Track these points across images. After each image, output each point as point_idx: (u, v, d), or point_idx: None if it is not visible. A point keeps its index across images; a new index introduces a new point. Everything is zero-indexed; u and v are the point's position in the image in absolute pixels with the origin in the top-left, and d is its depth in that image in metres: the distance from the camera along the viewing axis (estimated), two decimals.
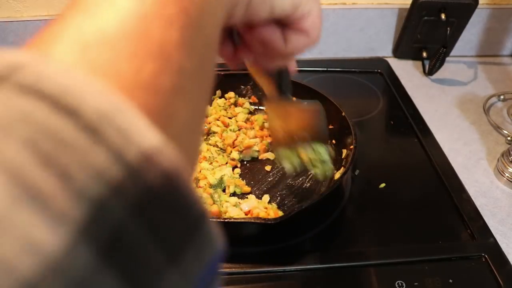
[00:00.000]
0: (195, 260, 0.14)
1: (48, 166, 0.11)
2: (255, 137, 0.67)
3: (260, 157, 0.65)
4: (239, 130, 0.68)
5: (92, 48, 0.15)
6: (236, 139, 0.65)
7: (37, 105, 0.12)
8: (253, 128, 0.68)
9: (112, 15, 0.16)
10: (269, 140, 0.66)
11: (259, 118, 0.70)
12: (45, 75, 0.12)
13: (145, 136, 0.13)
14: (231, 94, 0.74)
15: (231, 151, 0.64)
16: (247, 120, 0.71)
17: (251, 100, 0.74)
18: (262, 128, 0.68)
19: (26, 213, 0.10)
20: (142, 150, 0.12)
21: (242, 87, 0.76)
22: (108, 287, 0.11)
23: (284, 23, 0.30)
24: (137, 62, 0.15)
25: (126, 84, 0.15)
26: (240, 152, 0.64)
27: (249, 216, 0.54)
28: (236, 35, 0.31)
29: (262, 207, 0.55)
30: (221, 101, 0.73)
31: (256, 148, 0.65)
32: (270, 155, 0.65)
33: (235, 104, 0.73)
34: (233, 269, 0.50)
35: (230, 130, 0.67)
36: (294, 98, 0.44)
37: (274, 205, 0.56)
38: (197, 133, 0.19)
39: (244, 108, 0.72)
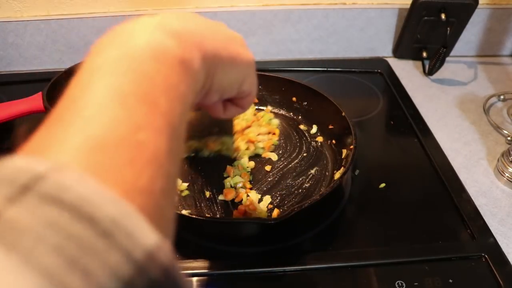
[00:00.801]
0: None
1: (73, 267, 0.14)
2: (264, 133, 0.67)
3: (263, 155, 0.65)
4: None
5: (96, 154, 0.18)
6: (245, 129, 0.66)
7: (60, 214, 0.15)
8: (261, 125, 0.68)
9: (108, 122, 0.19)
10: (275, 138, 0.67)
11: (265, 115, 0.70)
12: (64, 186, 0.15)
13: (147, 236, 0.16)
14: None
15: (236, 139, 0.65)
16: (254, 115, 0.71)
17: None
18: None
19: None
20: (146, 249, 0.15)
21: None
22: None
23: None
24: (137, 169, 0.18)
25: (127, 189, 0.18)
26: (246, 143, 0.65)
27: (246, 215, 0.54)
28: None
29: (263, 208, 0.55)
30: None
31: (261, 145, 0.65)
32: (273, 156, 0.65)
33: None
34: (233, 269, 0.50)
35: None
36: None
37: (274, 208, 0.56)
38: (173, 210, 0.23)
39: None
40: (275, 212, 0.55)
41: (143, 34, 0.25)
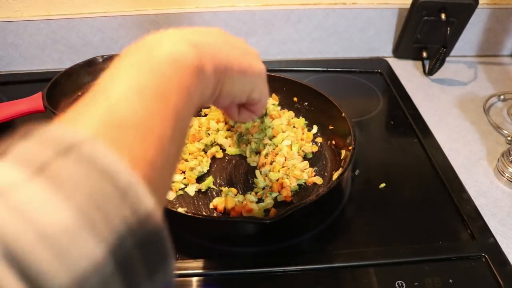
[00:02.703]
0: (162, 279, 0.22)
1: (98, 210, 0.19)
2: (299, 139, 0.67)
3: (308, 182, 0.61)
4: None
5: (116, 130, 0.23)
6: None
7: (94, 172, 0.20)
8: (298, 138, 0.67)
9: (127, 108, 0.24)
10: (311, 148, 0.65)
11: (301, 121, 0.70)
12: (97, 152, 0.21)
13: (148, 201, 0.21)
14: None
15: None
16: (288, 123, 0.69)
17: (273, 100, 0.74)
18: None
19: (85, 235, 0.18)
20: (146, 210, 0.21)
21: None
22: (115, 286, 0.19)
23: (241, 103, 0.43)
24: (145, 146, 0.24)
25: (136, 160, 0.23)
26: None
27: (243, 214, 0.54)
28: None
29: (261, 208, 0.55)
30: None
31: (306, 176, 0.61)
32: (318, 180, 0.61)
33: None
34: (233, 269, 0.50)
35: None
36: None
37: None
38: (170, 184, 0.28)
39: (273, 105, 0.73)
40: (272, 212, 0.55)
41: (167, 42, 0.30)
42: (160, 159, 0.24)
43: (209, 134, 0.67)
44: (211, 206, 0.56)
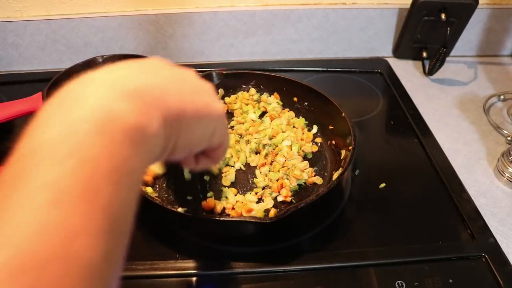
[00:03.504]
0: None
1: None
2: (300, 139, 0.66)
3: (308, 182, 0.60)
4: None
5: (22, 277, 0.17)
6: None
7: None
8: (298, 137, 0.67)
9: (39, 232, 0.18)
10: (311, 148, 0.65)
11: (301, 121, 0.70)
12: None
13: None
14: (252, 91, 0.74)
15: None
16: (288, 123, 0.70)
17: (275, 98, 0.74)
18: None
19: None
20: None
21: (244, 86, 0.76)
22: None
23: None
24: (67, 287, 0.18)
25: None
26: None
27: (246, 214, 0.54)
28: None
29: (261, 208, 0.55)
30: (246, 95, 0.74)
31: (306, 176, 0.60)
32: (318, 180, 0.60)
33: (258, 101, 0.73)
34: (233, 269, 0.50)
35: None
36: None
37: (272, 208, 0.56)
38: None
39: (274, 103, 0.73)
40: (272, 212, 0.55)
41: (92, 99, 0.23)
42: None
43: None
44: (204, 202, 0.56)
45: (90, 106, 0.22)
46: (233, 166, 0.63)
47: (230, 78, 0.73)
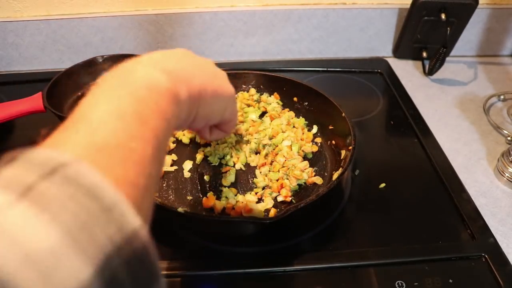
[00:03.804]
0: None
1: (84, 228, 0.19)
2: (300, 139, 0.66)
3: (308, 182, 0.60)
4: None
5: (98, 154, 0.23)
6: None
7: (78, 191, 0.20)
8: (297, 128, 0.68)
9: (109, 132, 0.25)
10: (311, 148, 0.65)
11: (301, 121, 0.70)
12: (81, 173, 0.21)
13: (134, 218, 0.21)
14: (252, 91, 0.75)
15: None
16: (288, 123, 0.70)
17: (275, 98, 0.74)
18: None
19: (72, 255, 0.18)
20: (133, 227, 0.21)
21: (244, 86, 0.76)
22: None
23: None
24: (127, 168, 0.24)
25: (119, 181, 0.23)
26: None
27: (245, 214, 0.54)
28: None
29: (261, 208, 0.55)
30: (246, 95, 0.74)
31: (306, 176, 0.60)
32: (318, 180, 0.60)
33: (258, 101, 0.73)
34: (233, 269, 0.50)
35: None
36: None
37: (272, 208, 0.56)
38: (152, 204, 0.28)
39: (274, 103, 0.73)
40: (272, 212, 0.55)
41: (142, 69, 0.31)
42: (142, 180, 0.25)
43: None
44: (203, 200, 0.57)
45: (139, 75, 0.30)
46: (233, 167, 0.63)
47: (230, 78, 0.71)
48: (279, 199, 0.57)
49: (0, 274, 0.16)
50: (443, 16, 0.83)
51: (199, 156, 0.64)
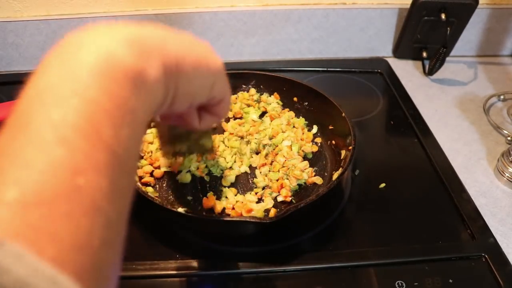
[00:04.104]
0: None
1: None
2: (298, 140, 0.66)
3: (308, 182, 0.60)
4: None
5: (31, 212, 0.17)
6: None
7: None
8: (297, 128, 0.68)
9: (46, 167, 0.18)
10: (311, 148, 0.65)
11: (301, 121, 0.70)
12: (3, 268, 0.15)
13: None
14: (252, 91, 0.75)
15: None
16: (288, 123, 0.70)
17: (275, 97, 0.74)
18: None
19: None
20: None
21: (244, 86, 0.76)
22: None
23: (200, 106, 0.36)
24: (74, 223, 0.18)
25: (64, 249, 0.17)
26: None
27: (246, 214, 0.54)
28: None
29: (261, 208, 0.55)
30: (246, 95, 0.74)
31: (306, 176, 0.60)
32: (318, 180, 0.60)
33: (258, 101, 0.73)
34: (233, 269, 0.50)
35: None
36: None
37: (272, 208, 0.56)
38: (117, 265, 0.22)
39: (274, 103, 0.73)
40: (272, 212, 0.55)
41: (92, 45, 0.23)
42: (98, 233, 0.19)
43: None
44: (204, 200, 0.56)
45: (90, 51, 0.23)
46: (238, 168, 0.62)
47: (230, 78, 0.71)
48: (279, 199, 0.57)
49: None
50: (443, 16, 0.83)
51: (201, 166, 0.62)
